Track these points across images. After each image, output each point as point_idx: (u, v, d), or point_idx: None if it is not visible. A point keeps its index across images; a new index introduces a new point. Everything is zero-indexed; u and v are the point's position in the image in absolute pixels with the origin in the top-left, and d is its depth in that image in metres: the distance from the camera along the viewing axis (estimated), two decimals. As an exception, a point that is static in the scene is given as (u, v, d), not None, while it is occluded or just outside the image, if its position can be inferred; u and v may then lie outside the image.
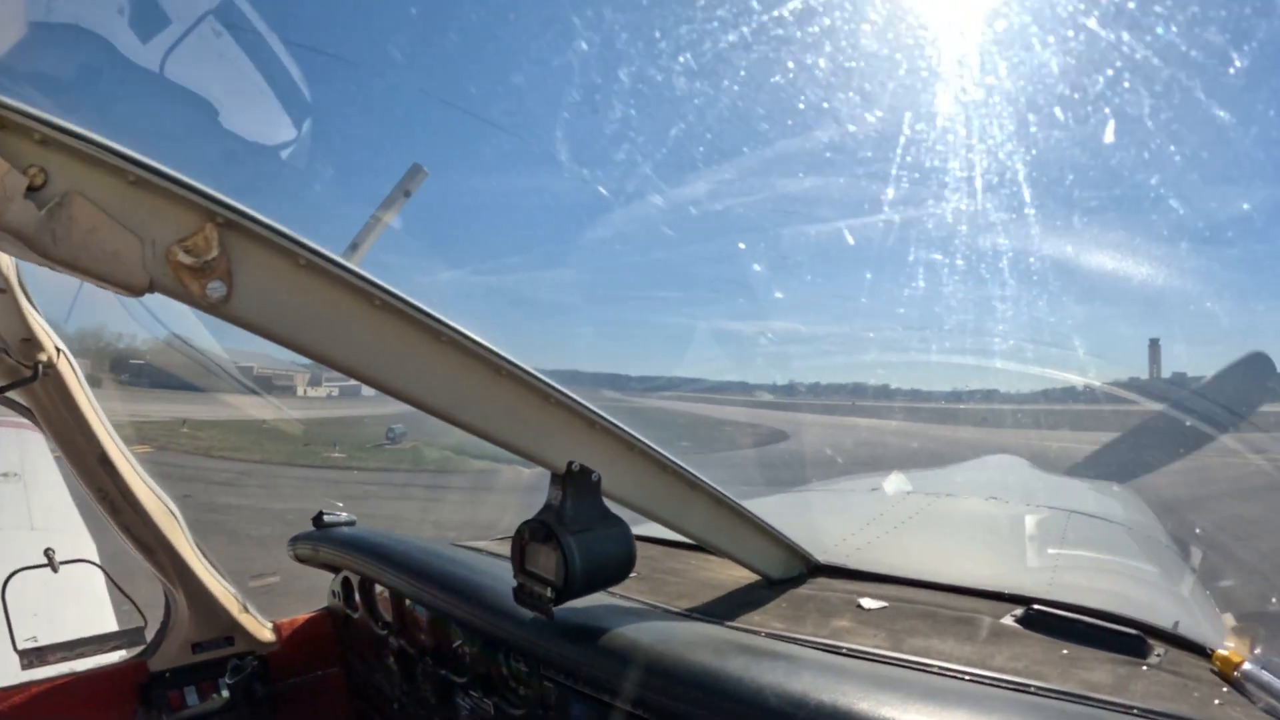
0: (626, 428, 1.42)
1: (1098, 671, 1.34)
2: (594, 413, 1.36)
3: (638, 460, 1.48)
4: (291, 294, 1.04)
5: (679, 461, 1.52)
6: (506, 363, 1.25)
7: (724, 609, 1.71)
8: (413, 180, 1.50)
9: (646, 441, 1.46)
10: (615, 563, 1.42)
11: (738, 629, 1.57)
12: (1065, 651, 1.44)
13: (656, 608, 1.73)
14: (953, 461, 4.70)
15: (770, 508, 2.85)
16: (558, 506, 1.37)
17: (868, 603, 1.70)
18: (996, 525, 2.65)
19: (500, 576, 1.68)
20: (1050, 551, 2.24)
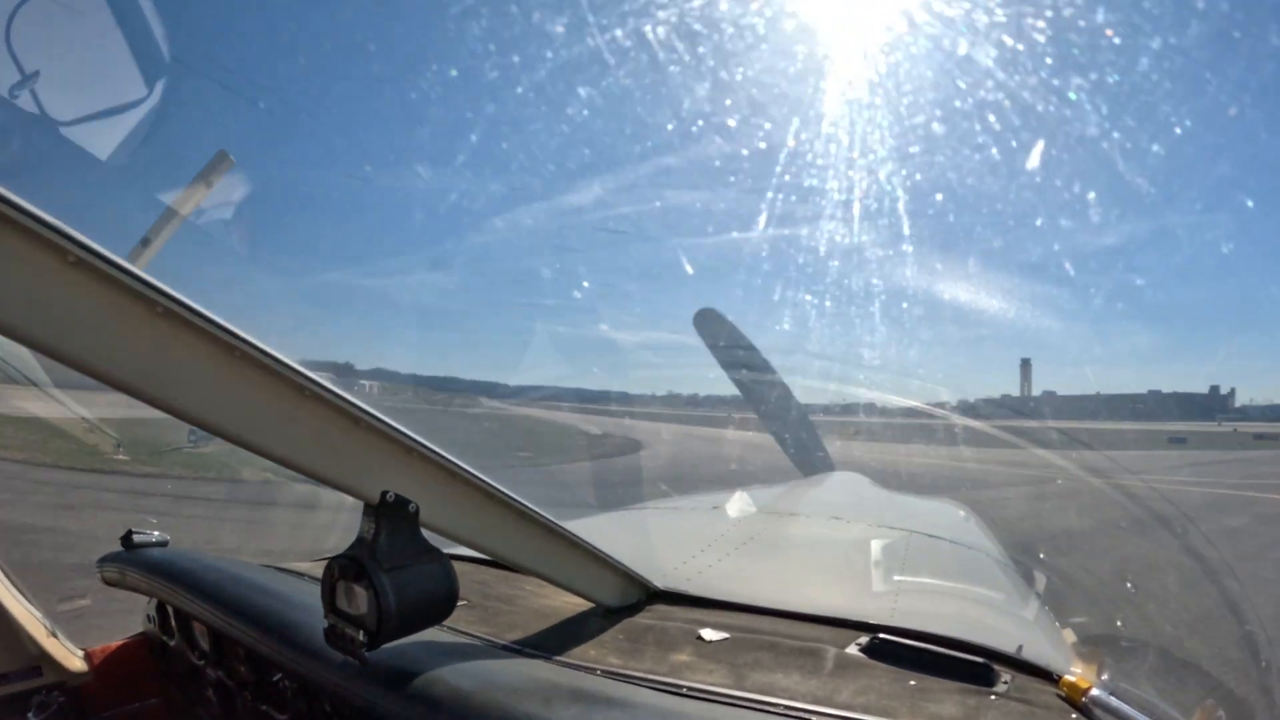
0: (448, 454, 1.31)
1: (947, 703, 1.32)
2: (411, 438, 1.25)
3: (460, 488, 1.37)
4: (55, 295, 0.89)
5: (505, 489, 1.43)
6: (312, 383, 1.11)
7: (558, 642, 1.62)
8: (216, 170, 1.32)
9: (470, 468, 1.35)
10: (434, 602, 1.31)
11: (572, 665, 1.49)
12: (913, 682, 1.42)
13: (486, 641, 1.63)
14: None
15: (608, 528, 2.70)
16: (370, 540, 1.24)
17: (709, 634, 1.64)
18: (839, 547, 2.65)
19: (316, 610, 1.53)
20: (893, 575, 2.24)
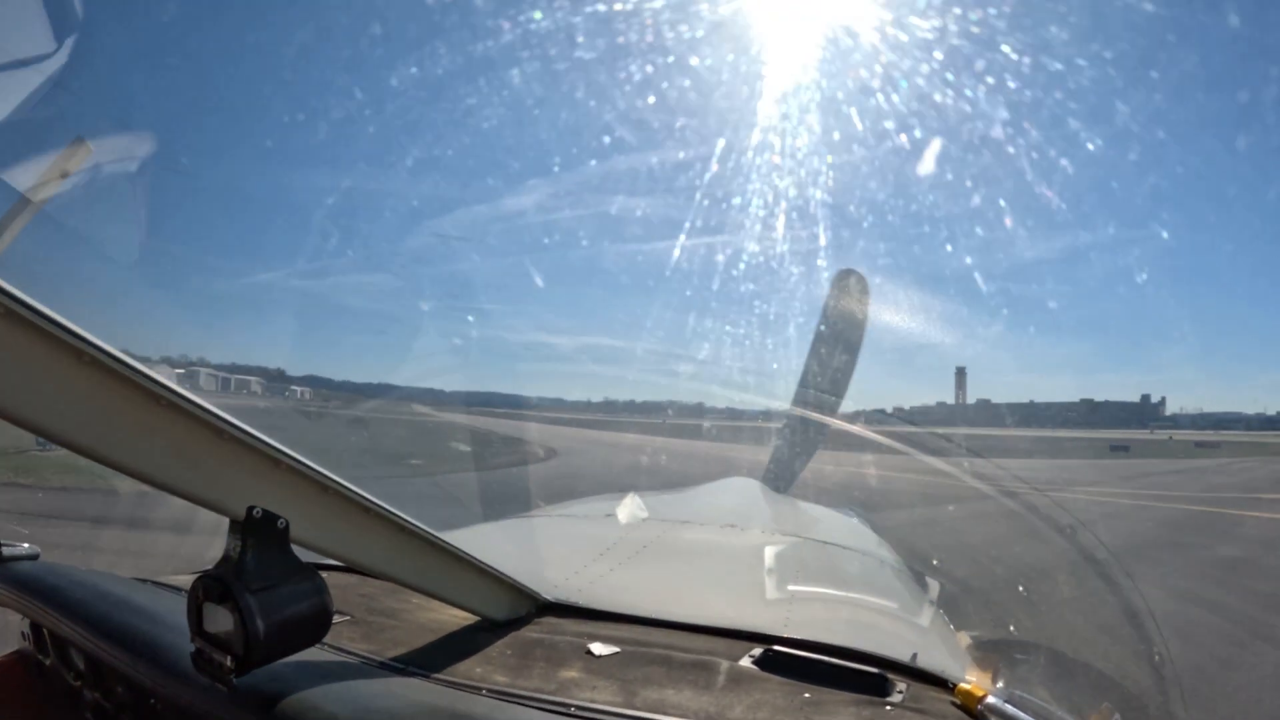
0: (320, 466, 1.25)
1: (841, 716, 1.32)
2: (280, 450, 1.19)
3: (333, 502, 1.30)
4: None
5: (382, 501, 1.37)
6: (171, 392, 1.04)
7: (443, 659, 1.56)
8: (72, 158, 1.22)
9: (343, 481, 1.29)
10: (306, 624, 1.24)
11: (457, 685, 1.43)
12: (808, 695, 1.41)
13: (366, 660, 1.56)
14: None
15: (497, 538, 2.65)
16: (237, 559, 1.17)
17: (598, 648, 1.61)
18: (733, 555, 2.63)
19: (186, 630, 1.43)
20: (787, 584, 2.24)
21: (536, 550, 2.50)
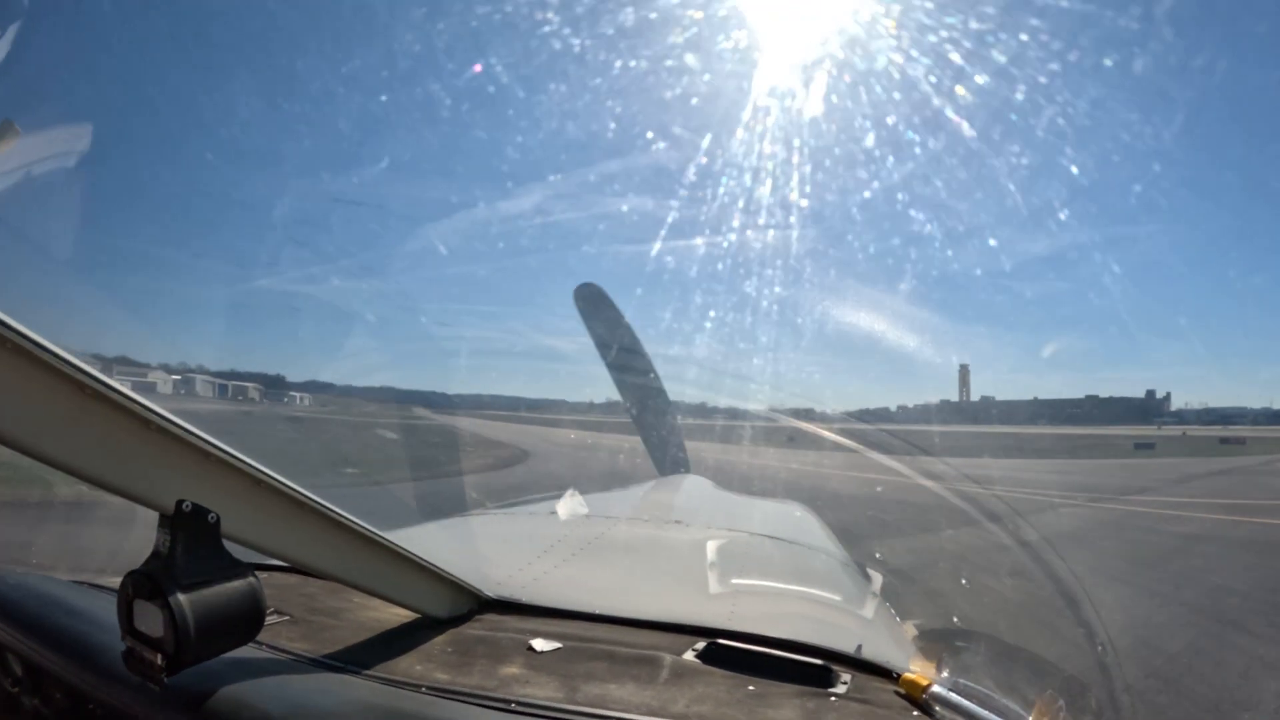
0: (252, 460, 1.23)
1: (785, 708, 1.33)
2: (211, 442, 1.16)
3: (266, 496, 1.27)
4: None
5: (318, 497, 1.35)
6: (98, 382, 1.02)
7: (383, 657, 1.53)
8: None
9: (277, 476, 1.27)
10: (238, 621, 1.21)
11: (396, 683, 1.41)
12: (751, 688, 1.41)
13: (305, 658, 1.52)
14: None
15: (440, 535, 2.63)
16: (166, 555, 1.13)
17: (540, 644, 1.60)
18: (677, 551, 2.65)
19: (117, 629, 1.38)
20: (731, 578, 2.26)
21: (478, 548, 2.47)
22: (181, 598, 1.11)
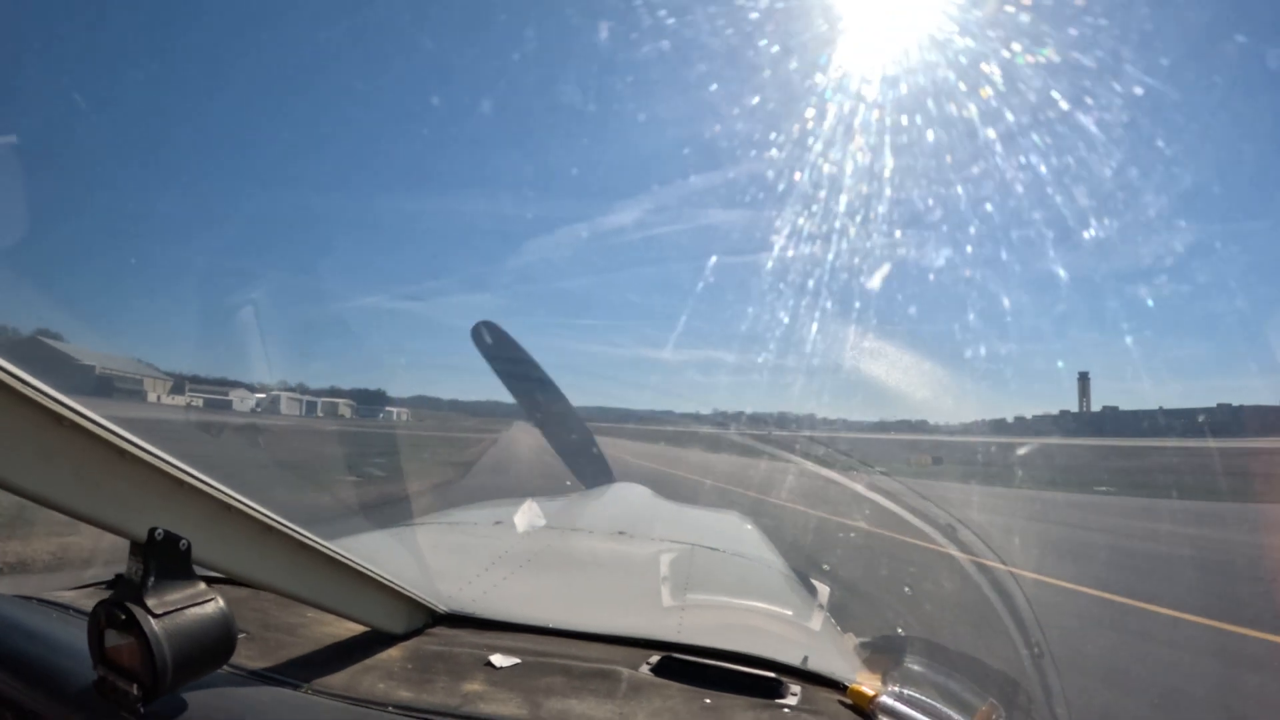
0: (223, 486, 1.25)
1: (740, 719, 1.37)
2: (183, 469, 1.18)
3: (237, 521, 1.30)
4: None
5: (281, 518, 1.37)
6: (73, 411, 1.03)
7: (345, 675, 1.53)
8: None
9: (246, 500, 1.29)
10: (212, 647, 1.22)
11: (360, 703, 1.42)
12: (707, 700, 1.45)
13: (266, 678, 1.51)
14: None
15: (385, 547, 2.64)
16: (139, 583, 1.14)
17: (499, 660, 1.62)
18: (626, 563, 2.68)
19: (85, 656, 1.37)
20: (680, 590, 2.29)
21: (427, 560, 2.47)
22: (156, 627, 1.12)
